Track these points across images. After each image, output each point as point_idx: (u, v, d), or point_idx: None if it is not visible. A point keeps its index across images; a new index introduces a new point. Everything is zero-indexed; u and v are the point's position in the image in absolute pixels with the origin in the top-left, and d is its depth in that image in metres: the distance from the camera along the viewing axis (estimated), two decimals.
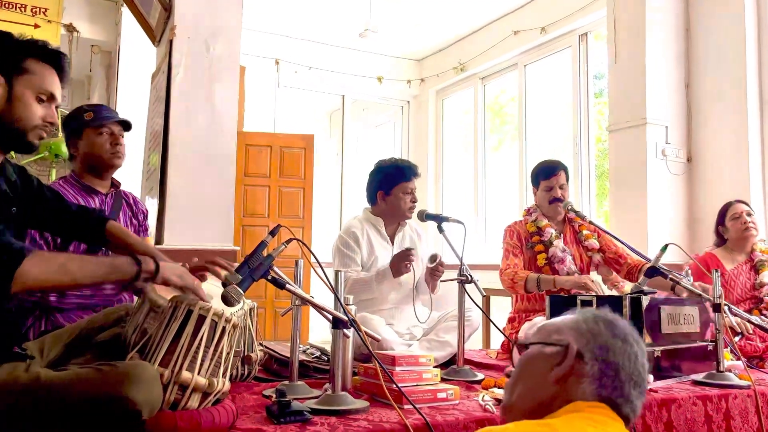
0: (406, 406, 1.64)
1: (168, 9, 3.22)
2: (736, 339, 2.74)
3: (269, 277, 1.61)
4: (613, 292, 3.11)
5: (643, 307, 2.13)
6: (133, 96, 4.78)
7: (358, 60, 6.78)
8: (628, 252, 2.89)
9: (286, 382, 1.88)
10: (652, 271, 2.33)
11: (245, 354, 1.95)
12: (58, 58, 1.56)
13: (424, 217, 2.66)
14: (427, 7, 5.80)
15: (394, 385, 1.68)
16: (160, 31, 3.49)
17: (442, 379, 1.97)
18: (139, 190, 3.60)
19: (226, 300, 1.49)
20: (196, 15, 3.16)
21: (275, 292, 5.48)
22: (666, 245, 2.31)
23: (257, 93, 6.16)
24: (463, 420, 1.62)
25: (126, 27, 5.10)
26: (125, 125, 2.34)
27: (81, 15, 5.34)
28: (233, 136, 3.23)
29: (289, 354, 1.97)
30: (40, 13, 4.75)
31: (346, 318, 1.69)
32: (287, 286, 1.64)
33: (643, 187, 3.98)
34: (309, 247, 1.77)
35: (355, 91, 6.96)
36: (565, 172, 3.00)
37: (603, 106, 5.15)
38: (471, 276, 2.33)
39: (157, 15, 3.39)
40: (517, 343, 1.18)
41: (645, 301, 2.14)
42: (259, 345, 2.12)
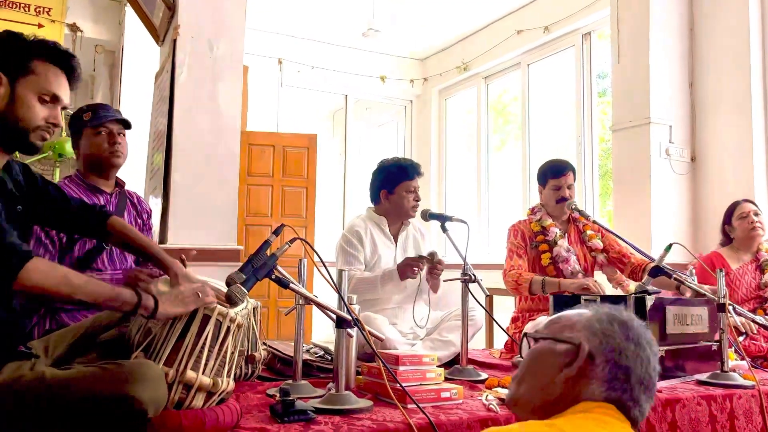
0: (409, 406, 1.64)
1: (172, 8, 3.23)
2: (741, 339, 2.73)
3: (273, 277, 1.61)
4: (618, 292, 3.10)
5: (647, 307, 2.13)
6: (137, 96, 4.79)
7: (361, 59, 6.78)
8: (632, 251, 2.88)
9: (290, 382, 1.88)
10: (656, 270, 2.32)
11: (249, 353, 1.96)
12: (67, 60, 1.55)
13: (428, 216, 2.66)
14: (430, 6, 5.80)
15: (398, 385, 1.68)
16: (163, 31, 3.49)
17: (446, 379, 1.97)
18: (143, 189, 3.60)
19: (230, 299, 1.49)
20: (200, 14, 3.16)
21: (278, 291, 5.49)
22: (670, 245, 2.30)
23: (260, 92, 6.16)
24: (466, 419, 1.62)
25: (130, 27, 5.11)
26: (124, 123, 2.34)
27: (85, 15, 5.35)
28: (237, 136, 3.23)
29: (292, 353, 1.97)
30: (43, 13, 4.77)
31: (349, 317, 1.69)
32: (291, 285, 1.64)
33: (646, 186, 3.97)
34: (312, 247, 1.77)
35: (358, 90, 6.96)
36: (573, 173, 2.99)
37: (606, 106, 5.14)
38: (474, 275, 2.33)
39: (161, 14, 3.40)
40: (527, 335, 1.16)
41: (649, 300, 2.13)
42: (263, 344, 2.12)
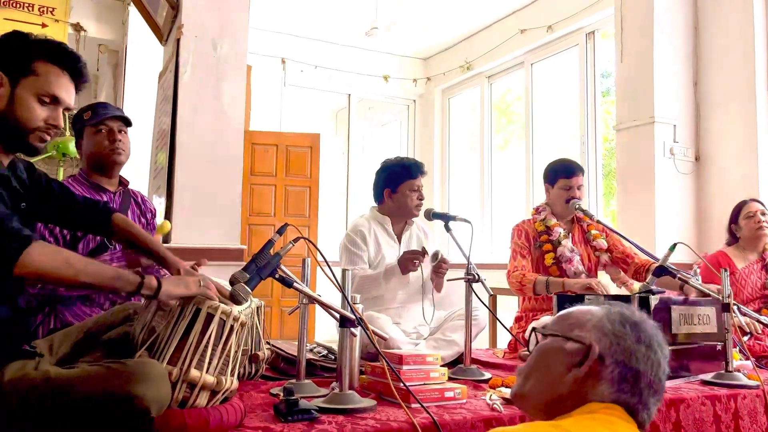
0: (413, 405, 1.64)
1: (175, 8, 3.23)
2: (745, 339, 2.72)
3: (277, 276, 1.61)
4: (622, 291, 3.09)
5: (651, 307, 2.12)
6: (141, 95, 4.79)
7: (364, 59, 6.78)
8: (636, 251, 2.87)
9: (294, 381, 1.87)
10: (660, 270, 2.31)
11: (252, 352, 1.96)
12: (72, 61, 1.53)
13: (431, 215, 2.65)
14: (434, 5, 5.79)
15: (402, 384, 1.68)
16: (167, 30, 3.50)
17: (450, 378, 1.96)
18: (147, 188, 3.61)
19: (234, 298, 1.49)
20: (203, 14, 3.16)
21: (281, 290, 5.49)
22: (674, 244, 2.29)
23: (263, 92, 6.17)
24: (470, 419, 1.62)
25: (133, 26, 5.11)
26: (125, 121, 2.33)
27: (88, 14, 5.36)
28: (240, 135, 3.23)
29: (296, 352, 1.97)
30: (47, 13, 4.77)
31: (353, 317, 1.69)
32: (295, 284, 1.64)
33: (650, 186, 3.96)
34: (316, 246, 1.77)
35: (361, 89, 6.96)
36: (583, 174, 2.99)
37: (610, 105, 5.13)
38: (478, 275, 2.33)
39: (165, 14, 3.40)
40: (536, 330, 1.14)
41: (654, 300, 2.13)
42: (266, 343, 2.12)
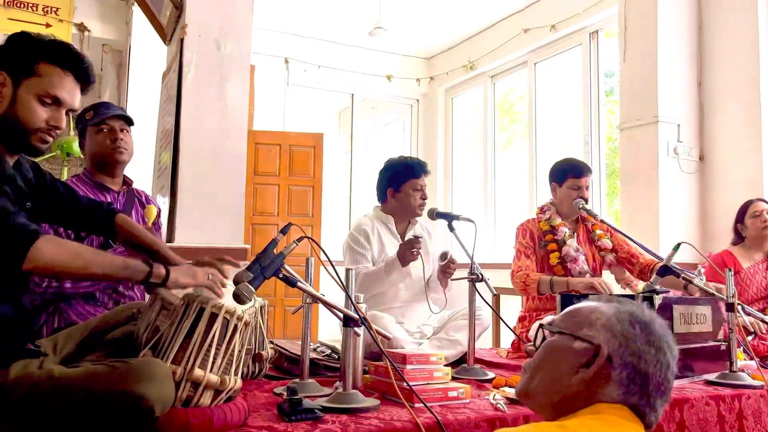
0: (417, 405, 1.64)
1: (179, 8, 3.23)
2: (750, 338, 2.72)
3: (280, 275, 1.61)
4: (627, 291, 3.09)
5: (655, 307, 2.12)
6: (144, 95, 4.81)
7: (368, 58, 6.77)
8: (641, 251, 2.87)
9: (297, 380, 1.87)
10: (664, 270, 2.31)
11: (256, 352, 1.96)
12: (75, 62, 1.51)
13: (435, 215, 2.65)
14: (437, 5, 5.79)
15: (405, 384, 1.68)
16: (170, 30, 3.50)
17: (453, 378, 1.96)
18: (151, 188, 3.61)
19: (238, 298, 1.49)
20: (207, 14, 3.16)
21: (285, 290, 5.50)
22: (678, 244, 2.29)
23: (267, 92, 6.17)
24: (474, 419, 1.62)
25: (137, 26, 5.12)
26: (126, 120, 2.34)
27: (92, 14, 5.37)
28: (243, 135, 3.23)
29: (299, 352, 1.97)
30: (51, 13, 4.79)
31: (357, 316, 1.69)
32: (299, 284, 1.64)
33: (654, 185, 3.95)
34: (320, 245, 1.77)
35: (364, 89, 6.96)
36: (591, 175, 3.00)
37: (614, 105, 5.12)
38: (481, 274, 2.32)
39: (168, 14, 3.40)
40: (543, 326, 1.13)
41: (658, 300, 2.12)
42: (270, 343, 2.12)
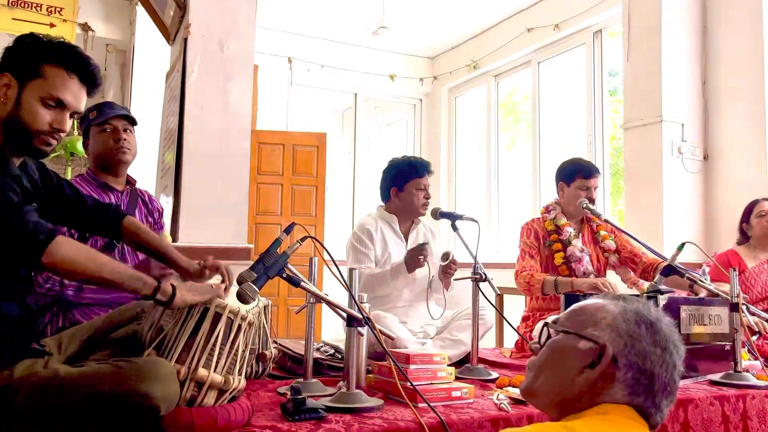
0: (420, 405, 1.64)
1: (183, 8, 3.24)
2: (754, 338, 2.71)
3: (284, 275, 1.61)
4: (633, 291, 3.08)
5: (659, 307, 2.11)
6: (148, 95, 4.81)
7: (371, 58, 6.77)
8: (644, 251, 2.86)
9: (301, 380, 1.88)
10: (668, 269, 2.30)
11: (260, 351, 1.96)
12: (80, 64, 1.50)
13: (438, 215, 2.65)
14: (441, 4, 5.78)
15: (409, 384, 1.68)
16: (174, 30, 3.50)
17: (457, 378, 1.96)
18: (154, 188, 3.62)
19: (242, 297, 1.50)
20: (211, 14, 3.17)
21: (288, 290, 5.50)
22: (683, 244, 2.28)
23: (270, 91, 6.17)
24: (477, 419, 1.61)
25: (141, 26, 5.13)
26: (130, 120, 2.34)
27: (96, 14, 5.38)
28: (247, 135, 3.24)
29: (303, 352, 1.97)
30: (55, 13, 4.79)
31: (360, 316, 1.69)
32: (302, 283, 1.64)
33: (658, 185, 3.94)
34: (323, 245, 1.77)
35: (367, 89, 6.96)
36: (599, 176, 2.99)
37: (617, 104, 5.11)
38: (485, 274, 2.32)
39: (172, 13, 3.41)
40: (548, 325, 1.12)
41: (662, 300, 2.12)
42: (274, 343, 2.12)
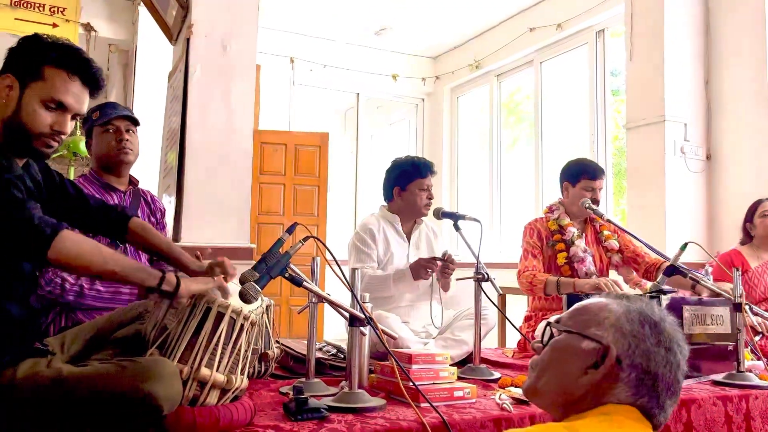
0: (422, 404, 1.64)
1: (185, 8, 3.25)
2: (757, 339, 2.70)
3: (286, 275, 1.61)
4: (637, 291, 3.07)
5: (662, 306, 2.10)
6: (151, 95, 4.82)
7: (373, 58, 6.77)
8: (647, 251, 2.85)
9: (303, 380, 1.88)
10: (671, 269, 2.29)
11: (262, 351, 1.96)
12: (82, 65, 1.50)
13: (441, 215, 2.64)
14: (443, 4, 5.78)
15: (411, 383, 1.68)
16: (177, 30, 3.51)
17: (459, 378, 1.96)
18: (157, 188, 3.63)
19: (244, 297, 1.50)
20: (213, 14, 3.18)
21: (291, 289, 5.51)
22: (685, 244, 2.28)
23: (272, 91, 6.18)
24: (480, 419, 1.61)
25: (143, 26, 5.14)
26: (132, 120, 2.34)
27: (99, 14, 5.39)
28: (249, 135, 3.25)
29: (305, 351, 1.97)
30: (58, 13, 4.80)
31: (362, 316, 1.69)
32: (304, 283, 1.64)
33: (661, 185, 3.93)
34: (325, 245, 1.77)
35: (369, 88, 6.96)
36: (604, 177, 3.00)
37: (620, 104, 5.10)
38: (487, 274, 2.32)
39: (174, 14, 3.42)
40: (551, 325, 1.12)
41: (665, 300, 2.11)
42: (276, 342, 2.12)
